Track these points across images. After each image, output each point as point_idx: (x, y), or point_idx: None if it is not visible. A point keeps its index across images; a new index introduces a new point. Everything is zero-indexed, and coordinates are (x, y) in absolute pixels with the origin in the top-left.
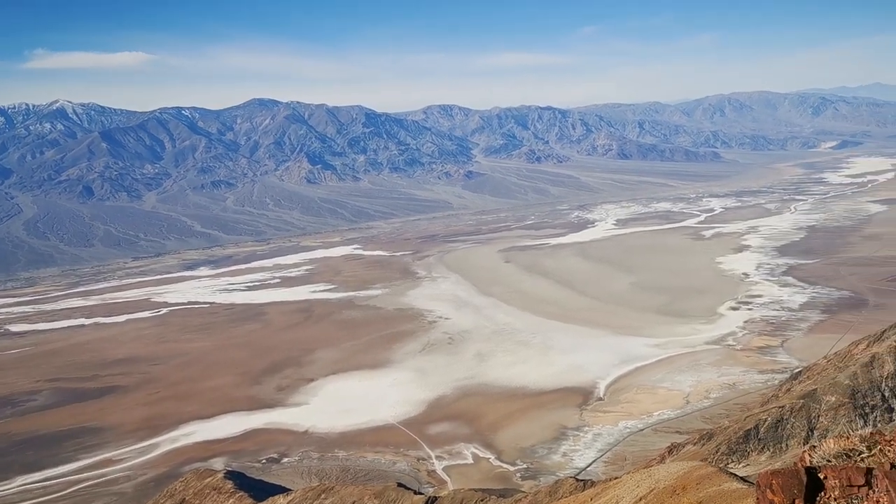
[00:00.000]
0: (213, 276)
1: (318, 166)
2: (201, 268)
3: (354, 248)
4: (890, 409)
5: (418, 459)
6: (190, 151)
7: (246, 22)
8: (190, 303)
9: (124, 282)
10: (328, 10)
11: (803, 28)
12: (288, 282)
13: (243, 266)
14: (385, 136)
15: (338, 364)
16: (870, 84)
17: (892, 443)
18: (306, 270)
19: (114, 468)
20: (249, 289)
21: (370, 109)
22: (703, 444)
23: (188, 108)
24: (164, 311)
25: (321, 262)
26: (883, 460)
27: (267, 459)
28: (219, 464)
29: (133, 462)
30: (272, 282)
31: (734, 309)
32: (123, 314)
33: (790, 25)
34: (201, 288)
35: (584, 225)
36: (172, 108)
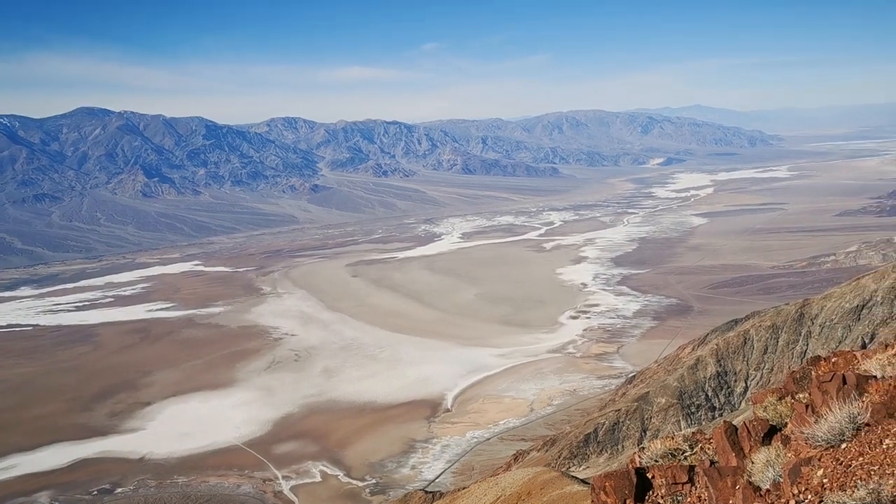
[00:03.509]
0: (37, 296)
1: (155, 179)
2: (22, 287)
3: (195, 265)
4: (713, 408)
5: (264, 481)
6: (9, 162)
7: (67, 26)
8: (9, 325)
9: None
10: (159, 18)
11: (629, 53)
12: (122, 301)
13: (71, 285)
14: (227, 149)
15: (177, 385)
16: (691, 106)
17: (711, 441)
18: (142, 288)
19: None
20: (78, 309)
21: (211, 121)
22: (547, 450)
23: (6, 116)
24: None
25: (158, 280)
26: (703, 458)
27: (99, 490)
28: (44, 498)
29: None
30: (104, 301)
31: (574, 318)
32: None
33: (617, 50)
34: (23, 309)
35: (430, 238)
36: None
